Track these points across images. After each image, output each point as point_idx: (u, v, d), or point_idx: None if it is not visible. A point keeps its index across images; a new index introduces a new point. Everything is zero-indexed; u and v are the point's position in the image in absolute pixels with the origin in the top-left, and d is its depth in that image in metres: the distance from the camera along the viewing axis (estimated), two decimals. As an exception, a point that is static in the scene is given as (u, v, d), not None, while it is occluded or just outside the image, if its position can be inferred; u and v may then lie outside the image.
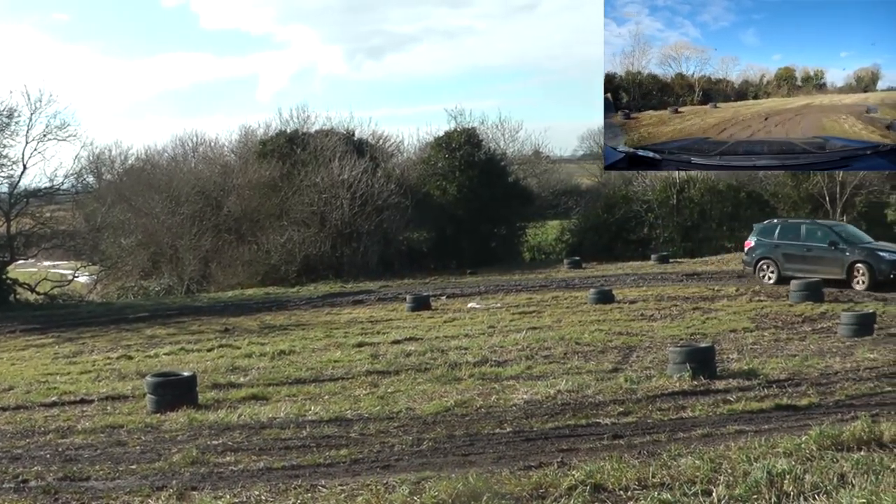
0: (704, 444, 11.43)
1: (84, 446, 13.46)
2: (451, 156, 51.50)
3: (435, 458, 11.67)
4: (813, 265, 30.97)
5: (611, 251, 50.31)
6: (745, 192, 51.62)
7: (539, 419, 13.61)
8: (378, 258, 46.94)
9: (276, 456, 12.10)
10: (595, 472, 10.07)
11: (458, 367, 18.60)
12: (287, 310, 33.75)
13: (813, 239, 31.89)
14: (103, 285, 50.20)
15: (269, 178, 48.57)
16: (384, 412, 14.59)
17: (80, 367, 22.25)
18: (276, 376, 18.90)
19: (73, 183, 48.91)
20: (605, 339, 21.64)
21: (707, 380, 15.76)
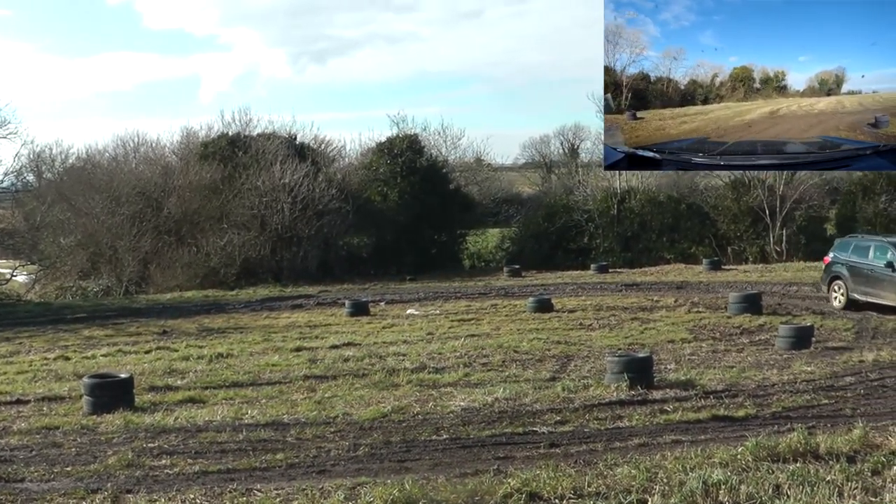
0: (640, 454, 11.52)
1: (19, 447, 13.37)
2: (393, 162, 51.54)
3: (371, 464, 11.69)
4: (874, 288, 27.07)
5: (551, 260, 50.50)
6: (686, 203, 52.12)
7: (476, 426, 13.64)
8: (318, 263, 46.82)
9: (212, 459, 12.07)
10: (531, 481, 10.14)
11: (395, 373, 18.64)
12: (226, 313, 33.63)
13: (877, 258, 27.43)
14: (41, 285, 49.69)
15: (209, 180, 48.32)
16: (321, 417, 14.57)
17: (17, 368, 22.05)
18: (213, 379, 18.85)
19: (13, 181, 48.60)
20: (543, 348, 21.72)
21: (644, 390, 15.86)
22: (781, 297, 31.62)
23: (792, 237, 49.56)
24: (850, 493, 9.70)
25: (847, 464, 10.65)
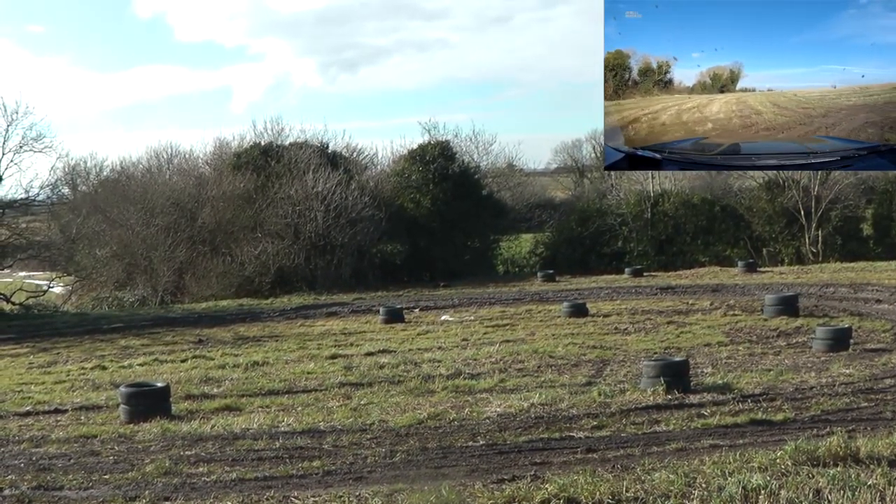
0: (678, 459, 11.43)
1: (58, 456, 13.41)
2: (425, 169, 51.49)
3: (408, 471, 11.65)
4: None
5: (585, 264, 50.35)
6: (720, 205, 51.82)
7: (512, 432, 13.59)
8: (352, 270, 46.83)
9: (249, 467, 12.07)
10: (568, 486, 10.09)
11: (431, 379, 18.63)
12: (261, 321, 33.70)
13: None
14: (78, 296, 50.01)
15: (243, 190, 48.46)
16: (357, 424, 14.56)
17: (55, 377, 22.19)
18: (249, 387, 18.90)
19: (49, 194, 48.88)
20: (578, 353, 21.67)
21: (681, 394, 15.77)
22: (818, 298, 31.37)
23: (828, 238, 49.20)
24: (893, 497, 9.57)
25: (889, 468, 10.50)
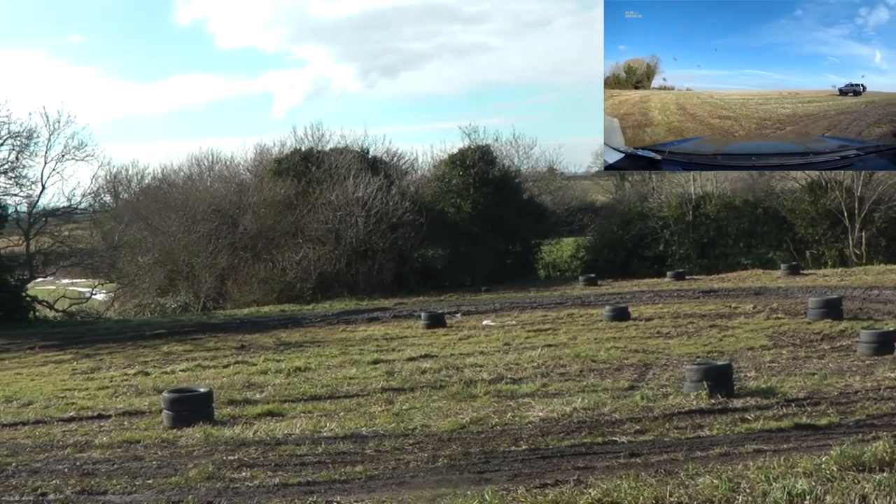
0: (722, 464, 11.31)
1: (101, 461, 13.51)
2: (466, 173, 51.45)
3: (450, 476, 11.62)
4: None
5: (626, 268, 50.11)
6: (762, 207, 51.39)
7: (555, 437, 13.54)
8: (393, 275, 46.88)
9: (292, 472, 12.08)
10: (612, 491, 10.01)
11: (473, 384, 18.60)
12: (302, 327, 33.79)
13: None
14: (120, 302, 50.35)
15: (284, 196, 48.65)
16: (399, 429, 14.55)
17: (98, 383, 22.36)
18: (291, 393, 18.95)
19: (91, 202, 49.31)
20: (621, 357, 21.57)
21: (724, 398, 15.64)
22: (862, 301, 31.05)
23: (872, 239, 48.69)
24: (940, 502, 9.46)
25: (936, 472, 10.38)
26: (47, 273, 48.41)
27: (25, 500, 11.53)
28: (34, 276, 45.65)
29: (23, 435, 16.03)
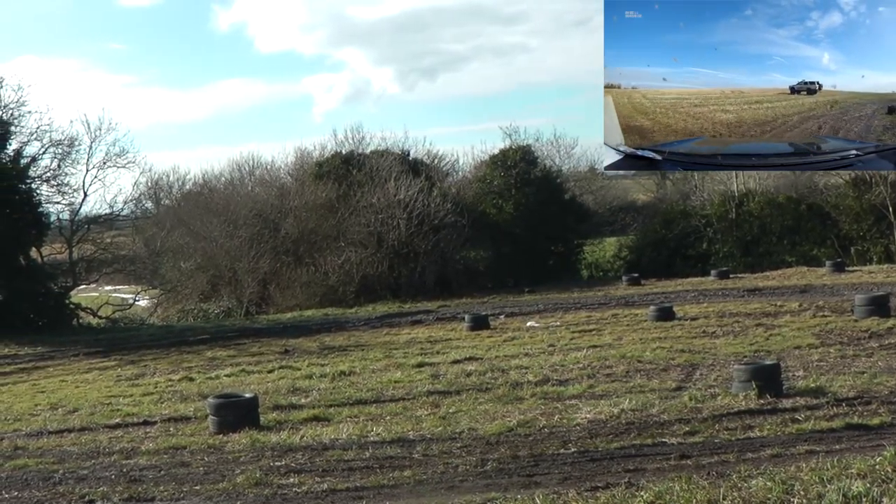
0: (774, 465, 11.16)
1: (148, 467, 13.50)
2: (507, 173, 51.27)
3: (500, 479, 11.53)
4: None
5: (669, 267, 49.68)
6: (806, 204, 50.84)
7: (604, 439, 13.43)
8: (435, 278, 46.77)
9: (340, 477, 12.03)
10: (664, 494, 9.91)
11: (519, 386, 18.46)
12: (346, 330, 33.76)
13: None
14: (163, 308, 50.57)
15: (325, 199, 48.69)
16: (447, 433, 14.48)
17: (143, 389, 22.37)
18: (337, 397, 18.85)
19: (133, 209, 49.63)
20: (667, 357, 21.35)
21: (773, 398, 15.47)
22: (909, 297, 30.68)
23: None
24: None
25: None
26: (90, 280, 48.73)
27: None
28: (77, 283, 45.92)
29: (69, 442, 16.04)
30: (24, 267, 41.65)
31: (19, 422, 18.68)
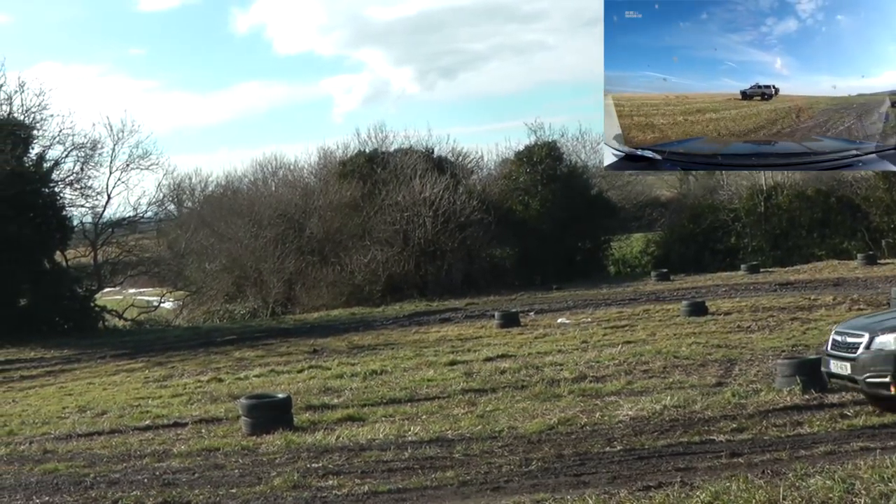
0: (830, 463, 10.80)
1: (181, 470, 13.28)
2: (533, 170, 50.92)
3: (546, 479, 11.22)
4: None
5: (698, 262, 49.27)
6: (835, 197, 50.25)
7: (649, 436, 13.12)
8: (462, 275, 46.46)
9: (380, 479, 11.75)
10: (721, 493, 9.56)
11: (556, 383, 18.16)
12: (374, 329, 33.43)
13: None
14: (189, 310, 50.38)
15: (350, 198, 48.45)
16: (486, 432, 14.19)
17: (172, 391, 22.12)
18: (370, 397, 18.57)
19: (156, 211, 49.46)
20: (703, 353, 20.97)
21: (819, 393, 15.13)
22: (945, 289, 30.21)
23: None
24: None
25: None
26: (115, 283, 48.62)
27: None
28: (102, 286, 45.81)
29: (99, 445, 15.85)
30: (49, 270, 41.66)
31: (47, 425, 18.45)
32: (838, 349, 14.05)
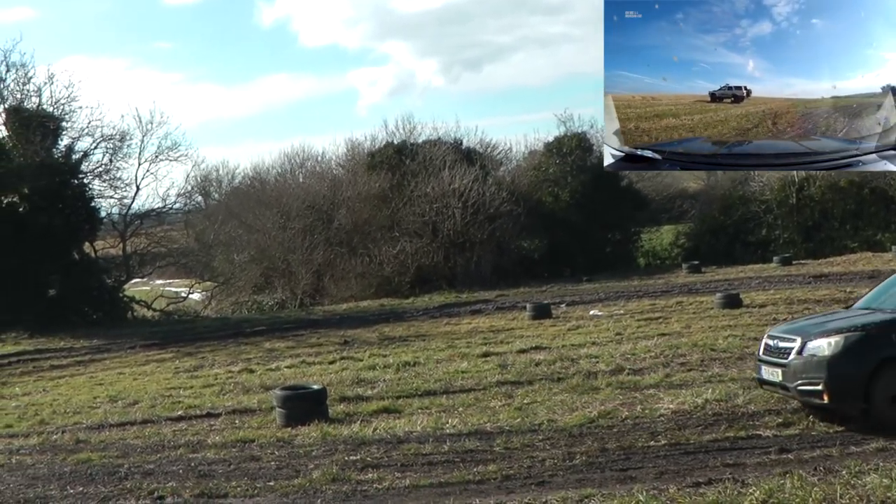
0: (884, 460, 10.60)
1: (217, 461, 13.15)
2: (563, 161, 50.59)
3: (591, 474, 11.00)
4: None
5: (728, 254, 48.79)
6: (869, 188, 49.61)
7: (693, 431, 12.88)
8: (492, 267, 46.19)
9: (421, 472, 11.56)
10: (775, 491, 9.35)
11: (593, 376, 17.93)
12: (404, 321, 33.25)
13: None
14: (217, 301, 50.33)
15: (378, 189, 48.26)
16: (525, 424, 13.98)
17: (203, 381, 22.03)
18: (404, 388, 18.37)
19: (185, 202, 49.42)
20: (741, 345, 20.60)
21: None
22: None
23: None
24: None
25: None
26: (143, 274, 48.64)
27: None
28: (130, 276, 45.82)
29: (132, 435, 15.74)
30: (79, 261, 41.76)
31: (79, 414, 18.42)
32: (770, 354, 13.72)
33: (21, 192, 39.57)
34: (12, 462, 14.21)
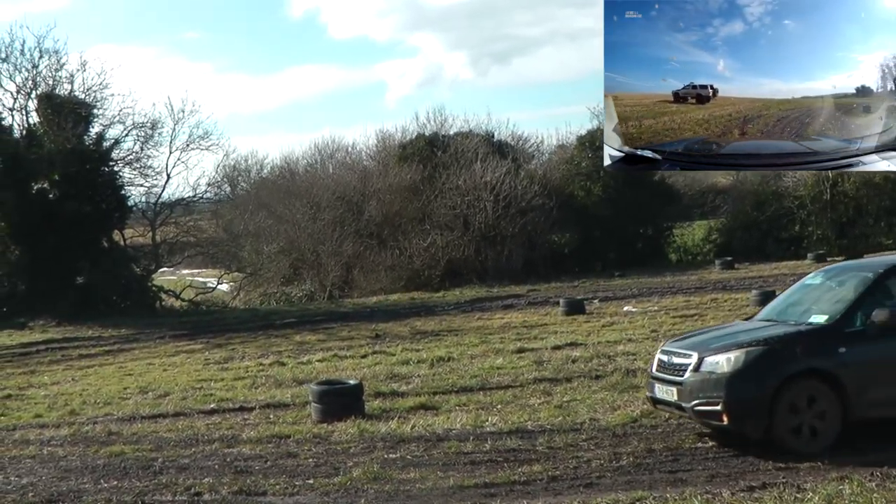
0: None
1: (253, 457, 12.93)
2: (595, 155, 49.86)
3: (640, 476, 10.73)
4: None
5: (761, 251, 48.35)
6: (905, 184, 49.11)
7: (740, 432, 12.51)
8: (523, 261, 45.89)
9: (464, 472, 11.30)
10: (834, 497, 9.08)
11: (632, 373, 17.56)
12: (436, 315, 32.95)
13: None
14: (245, 292, 50.18)
15: (409, 181, 48.01)
16: (567, 423, 13.73)
17: (234, 374, 21.86)
18: (440, 384, 18.09)
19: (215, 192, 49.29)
20: (781, 343, 20.30)
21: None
22: None
23: None
24: None
25: None
26: (172, 263, 48.55)
27: (180, 500, 11.02)
28: (160, 266, 45.74)
29: (164, 428, 15.52)
30: (108, 249, 41.64)
31: (109, 406, 18.26)
32: (664, 371, 12.76)
33: (52, 179, 39.38)
34: (44, 453, 14.02)
